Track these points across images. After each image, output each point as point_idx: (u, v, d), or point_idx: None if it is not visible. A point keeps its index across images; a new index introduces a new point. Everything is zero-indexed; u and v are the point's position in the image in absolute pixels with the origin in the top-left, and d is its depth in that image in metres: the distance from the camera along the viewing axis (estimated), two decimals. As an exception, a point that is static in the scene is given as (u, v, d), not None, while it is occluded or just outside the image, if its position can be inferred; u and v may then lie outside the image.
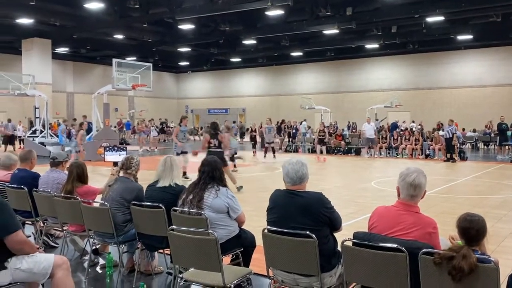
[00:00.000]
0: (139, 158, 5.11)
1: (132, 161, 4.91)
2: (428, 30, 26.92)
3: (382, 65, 37.05)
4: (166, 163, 4.60)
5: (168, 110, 47.39)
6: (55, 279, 3.38)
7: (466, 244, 2.70)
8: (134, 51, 34.13)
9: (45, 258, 3.40)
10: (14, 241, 3.19)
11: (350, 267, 3.05)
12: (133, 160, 4.93)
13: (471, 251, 2.59)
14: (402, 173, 3.10)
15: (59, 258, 3.47)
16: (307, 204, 3.35)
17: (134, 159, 4.95)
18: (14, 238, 3.19)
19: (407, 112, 34.14)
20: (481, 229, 2.80)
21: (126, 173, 4.86)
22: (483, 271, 2.53)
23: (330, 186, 11.59)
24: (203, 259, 3.42)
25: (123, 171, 4.88)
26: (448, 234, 3.36)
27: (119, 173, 4.92)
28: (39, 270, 3.33)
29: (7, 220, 3.18)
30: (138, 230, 4.55)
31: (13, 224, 3.21)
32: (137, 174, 4.99)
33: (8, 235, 3.16)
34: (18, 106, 32.62)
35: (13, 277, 3.28)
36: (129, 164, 4.88)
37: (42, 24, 26.30)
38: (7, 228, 3.17)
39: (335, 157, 20.81)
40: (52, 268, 3.36)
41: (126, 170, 4.86)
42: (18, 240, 3.21)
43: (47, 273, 3.36)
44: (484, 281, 2.53)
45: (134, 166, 4.89)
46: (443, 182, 12.27)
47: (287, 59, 38.74)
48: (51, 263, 3.37)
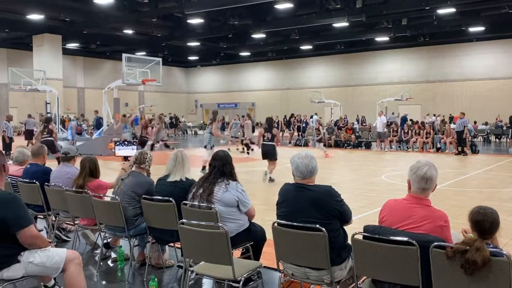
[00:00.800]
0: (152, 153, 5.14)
1: (146, 156, 4.93)
2: (439, 22, 26.61)
3: (393, 58, 36.77)
4: (178, 158, 4.59)
5: (177, 104, 47.53)
6: (67, 273, 3.41)
7: (479, 237, 2.68)
8: (143, 46, 34.21)
9: (57, 253, 3.43)
10: (26, 236, 3.22)
11: (360, 261, 3.04)
12: (147, 155, 4.96)
13: (484, 244, 2.56)
14: (413, 166, 3.08)
15: (72, 253, 3.51)
16: (317, 198, 3.35)
17: (148, 154, 4.98)
18: (27, 233, 3.21)
19: (417, 105, 33.90)
20: (494, 222, 2.77)
21: (139, 167, 4.89)
22: (496, 264, 2.51)
23: (340, 179, 11.56)
24: (213, 253, 3.43)
25: (136, 166, 4.90)
26: (459, 227, 3.33)
27: (132, 167, 4.94)
28: (52, 264, 3.37)
29: (19, 215, 3.20)
30: (148, 224, 4.58)
31: (25, 219, 3.23)
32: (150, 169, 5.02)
33: (21, 229, 3.19)
34: (29, 101, 32.90)
35: (26, 271, 3.31)
36: (143, 159, 4.91)
37: (52, 20, 26.46)
38: (19, 222, 3.19)
39: (345, 151, 20.74)
40: (64, 262, 3.40)
41: (140, 164, 4.89)
42: (30, 234, 3.24)
43: (59, 267, 3.39)
44: (497, 274, 2.51)
45: (148, 161, 4.93)
46: (454, 175, 12.18)
47: (296, 53, 38.59)
48: (63, 257, 3.41)
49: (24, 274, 3.32)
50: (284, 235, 3.34)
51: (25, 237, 3.22)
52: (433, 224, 2.89)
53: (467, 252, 2.54)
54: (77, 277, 3.44)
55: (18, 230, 3.18)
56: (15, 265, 3.27)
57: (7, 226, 3.15)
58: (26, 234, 3.21)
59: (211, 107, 45.42)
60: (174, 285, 4.51)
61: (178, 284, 4.48)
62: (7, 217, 3.14)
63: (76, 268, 3.44)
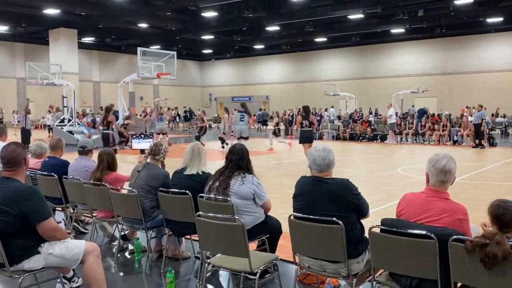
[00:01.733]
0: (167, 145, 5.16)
1: (161, 148, 4.93)
2: (456, 13, 26.18)
3: (408, 50, 36.33)
4: (194, 151, 4.61)
5: (192, 98, 47.68)
6: (86, 265, 3.47)
7: (499, 231, 2.64)
8: (158, 40, 34.33)
9: (76, 245, 3.48)
10: (45, 228, 3.27)
11: (377, 254, 3.03)
12: (162, 146, 4.96)
13: (505, 238, 2.53)
14: (431, 159, 3.05)
15: (90, 245, 3.56)
16: (334, 191, 3.33)
17: (163, 146, 4.98)
18: (46, 225, 3.26)
19: (434, 97, 33.50)
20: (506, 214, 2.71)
21: (154, 159, 4.90)
22: (516, 258, 2.47)
23: (356, 173, 11.51)
24: (230, 245, 3.45)
25: (150, 157, 4.92)
26: (477, 221, 3.29)
27: (147, 158, 4.97)
28: (71, 256, 3.42)
29: (38, 208, 3.24)
30: (165, 216, 4.61)
31: (44, 212, 3.26)
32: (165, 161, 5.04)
33: (40, 222, 3.23)
34: (46, 95, 33.28)
35: (46, 262, 3.37)
36: (158, 151, 4.91)
37: (68, 14, 26.68)
38: (38, 215, 3.23)
39: (360, 144, 20.62)
40: (83, 254, 3.46)
41: (154, 156, 4.90)
42: (49, 227, 3.29)
43: (78, 259, 3.45)
44: (517, 268, 2.48)
45: (163, 152, 4.92)
46: (472, 168, 12.03)
47: (311, 45, 38.35)
48: (82, 249, 3.46)
49: (44, 265, 3.38)
50: (301, 228, 3.34)
51: (44, 229, 3.27)
52: (452, 217, 2.86)
53: (487, 246, 2.51)
54: (96, 268, 3.50)
55: (37, 222, 3.23)
56: (36, 256, 3.33)
57: (27, 219, 3.20)
58: (45, 227, 3.26)
59: (225, 101, 45.55)
60: (191, 277, 4.55)
61: (195, 276, 4.52)
62: (27, 209, 3.19)
63: (95, 260, 3.49)
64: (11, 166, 3.34)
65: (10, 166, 3.35)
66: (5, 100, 34.59)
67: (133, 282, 4.56)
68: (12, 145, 3.44)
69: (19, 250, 3.27)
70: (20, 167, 3.38)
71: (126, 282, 4.60)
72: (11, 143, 3.53)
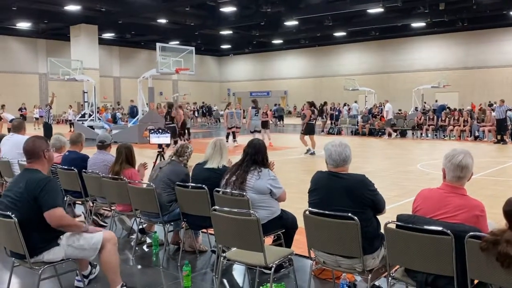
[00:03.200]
0: None
1: (187, 150, 5.04)
2: (478, 6, 25.68)
3: (429, 44, 35.81)
4: (216, 146, 4.68)
5: (210, 93, 47.89)
6: (104, 253, 3.55)
7: (509, 228, 2.56)
8: (177, 35, 34.52)
9: (95, 235, 3.57)
10: (52, 217, 3.28)
11: (393, 250, 3.01)
12: (187, 149, 5.06)
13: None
14: (448, 154, 3.01)
15: (108, 234, 3.65)
16: (350, 186, 3.32)
17: (189, 148, 5.08)
18: (52, 214, 3.28)
19: (455, 92, 33.00)
20: None
21: (178, 159, 5.00)
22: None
23: (374, 168, 11.42)
24: (245, 239, 3.47)
25: (175, 157, 5.01)
26: (496, 217, 3.23)
27: (172, 157, 5.05)
28: (90, 246, 3.50)
29: (48, 196, 3.30)
30: (182, 210, 4.66)
31: (52, 201, 3.30)
32: (188, 162, 5.12)
33: (47, 210, 3.27)
34: (67, 90, 33.82)
35: (66, 254, 3.46)
36: (183, 153, 5.02)
37: (88, 10, 27.02)
38: (46, 203, 3.28)
39: (379, 139, 20.44)
40: (101, 242, 3.53)
41: (179, 157, 4.99)
42: (55, 216, 3.30)
43: (97, 248, 3.53)
44: (535, 266, 2.43)
45: (187, 155, 5.04)
46: (492, 164, 11.83)
47: (330, 40, 38.11)
48: (100, 238, 3.55)
49: (64, 257, 3.46)
50: (316, 223, 3.33)
51: (50, 218, 3.28)
52: (469, 214, 2.82)
53: (498, 243, 2.46)
54: (113, 255, 3.59)
55: (45, 211, 3.27)
56: (55, 248, 3.41)
57: (39, 206, 3.27)
58: (51, 216, 3.28)
59: (244, 96, 45.65)
60: (207, 271, 4.59)
61: (211, 270, 4.55)
62: (38, 198, 3.26)
63: (112, 248, 3.59)
64: (30, 157, 3.47)
65: (29, 158, 3.47)
66: (28, 95, 35.25)
67: (150, 274, 4.62)
68: (32, 138, 3.56)
69: (40, 242, 3.35)
70: (39, 159, 3.46)
71: (143, 275, 4.67)
72: (33, 136, 3.65)
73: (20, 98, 34.21)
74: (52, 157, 3.68)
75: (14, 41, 35.82)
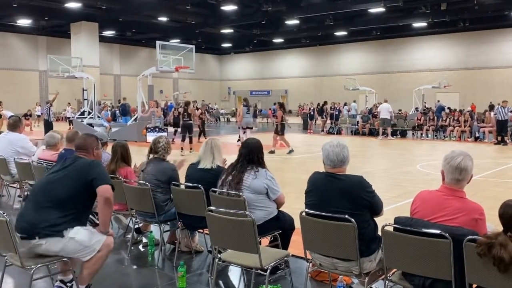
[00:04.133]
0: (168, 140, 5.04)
1: (159, 145, 4.85)
2: (480, 6, 25.61)
3: (430, 44, 35.74)
4: (207, 145, 4.61)
5: (211, 92, 47.82)
6: (96, 256, 3.48)
7: (503, 232, 2.51)
8: (177, 33, 34.48)
9: (98, 234, 3.53)
10: (105, 191, 3.46)
11: (390, 253, 2.96)
12: (159, 144, 4.86)
13: (508, 239, 2.42)
14: (447, 156, 2.95)
15: (110, 240, 3.58)
16: (347, 188, 3.27)
17: (161, 143, 4.87)
18: (107, 189, 3.47)
19: (456, 93, 32.94)
20: None
21: (158, 156, 4.89)
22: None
23: (374, 169, 11.36)
24: (240, 241, 3.41)
25: (153, 155, 4.92)
26: (496, 220, 3.17)
27: (149, 156, 4.96)
28: (91, 244, 3.44)
29: (104, 174, 3.60)
30: (178, 210, 4.61)
31: (108, 179, 3.58)
32: (167, 156, 4.95)
33: (103, 184, 3.47)
34: (67, 88, 33.76)
35: (64, 247, 3.36)
36: (156, 148, 4.86)
37: (89, 8, 26.96)
38: (103, 179, 3.51)
39: (378, 140, 20.38)
40: (101, 245, 3.48)
41: (155, 153, 4.89)
42: (110, 192, 3.49)
43: (96, 249, 3.46)
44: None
45: (161, 150, 4.85)
46: (493, 165, 11.77)
47: (331, 39, 38.05)
48: (102, 241, 3.50)
49: (57, 253, 3.38)
50: (312, 224, 3.28)
51: (105, 191, 3.46)
52: (468, 217, 2.77)
53: (493, 247, 2.41)
54: (101, 262, 3.53)
55: (101, 184, 3.46)
56: (56, 237, 3.33)
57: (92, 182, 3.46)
58: (106, 189, 3.47)
59: (244, 94, 45.55)
60: (203, 271, 4.54)
61: (207, 270, 4.50)
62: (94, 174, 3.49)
63: (105, 255, 3.54)
64: (81, 150, 3.74)
65: (80, 151, 3.74)
66: (28, 92, 35.20)
67: (145, 275, 4.57)
68: (84, 135, 3.96)
69: (48, 224, 3.31)
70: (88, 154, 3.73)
71: (138, 275, 4.61)
72: (84, 134, 4.06)
73: (20, 95, 34.21)
74: (100, 155, 3.92)
75: (14, 38, 35.76)
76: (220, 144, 4.74)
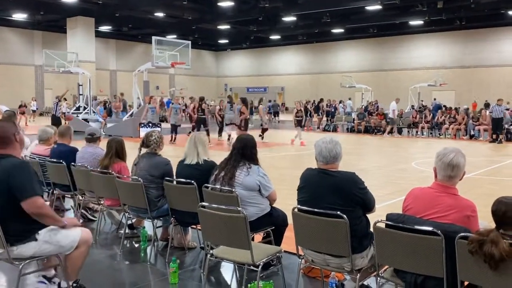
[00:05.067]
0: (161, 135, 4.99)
1: (151, 138, 4.81)
2: (476, 5, 25.62)
3: (427, 42, 35.76)
4: (190, 141, 4.60)
5: (207, 88, 47.69)
6: (75, 252, 3.42)
7: (496, 228, 2.51)
8: (174, 29, 34.33)
9: (73, 232, 3.43)
10: (30, 206, 3.10)
11: (382, 249, 2.95)
12: (151, 137, 4.82)
13: (500, 236, 2.42)
14: (439, 153, 2.95)
15: (86, 233, 3.50)
16: (339, 184, 3.26)
17: (153, 136, 4.83)
18: (31, 204, 3.09)
19: (452, 91, 33.00)
20: (508, 211, 2.51)
21: (151, 150, 4.86)
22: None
23: (369, 166, 11.36)
24: (232, 237, 3.40)
25: (144, 149, 4.89)
26: (490, 217, 3.18)
27: (140, 150, 4.92)
28: (67, 243, 3.37)
29: (25, 184, 3.10)
30: (171, 206, 4.59)
31: (30, 189, 3.11)
32: (160, 151, 4.90)
33: (25, 199, 3.08)
34: (63, 83, 33.55)
35: (40, 249, 3.28)
36: (148, 142, 4.82)
37: (85, 3, 26.82)
38: (24, 192, 3.08)
39: (375, 137, 20.40)
40: (78, 241, 3.41)
41: (147, 147, 4.86)
42: (35, 205, 3.11)
43: (73, 246, 3.40)
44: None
45: (153, 143, 4.80)
46: (487, 163, 11.81)
47: (327, 36, 37.98)
48: (78, 236, 3.42)
49: (34, 254, 3.29)
50: (304, 221, 3.27)
51: (29, 207, 3.10)
52: (460, 214, 2.77)
53: (484, 244, 2.41)
54: (82, 257, 3.48)
55: (23, 199, 3.08)
56: (31, 243, 3.25)
57: (14, 195, 3.08)
58: (30, 205, 3.09)
59: (240, 91, 45.52)
60: (196, 267, 4.52)
61: (199, 266, 4.49)
62: (13, 185, 3.08)
63: (85, 250, 3.48)
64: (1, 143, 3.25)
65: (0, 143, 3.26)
66: (24, 87, 35.01)
67: (137, 270, 4.55)
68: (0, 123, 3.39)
69: (15, 233, 3.19)
70: (10, 143, 3.27)
71: (131, 271, 4.60)
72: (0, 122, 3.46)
73: (15, 89, 34.01)
74: (23, 139, 3.46)
75: (10, 32, 35.51)
76: (205, 138, 4.71)
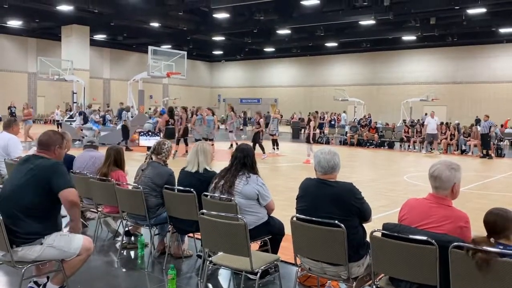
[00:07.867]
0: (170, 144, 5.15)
1: (163, 147, 4.95)
2: (468, 22, 26.08)
3: (419, 57, 36.23)
4: (194, 149, 4.69)
5: (201, 98, 47.76)
6: (75, 259, 3.48)
7: (487, 237, 2.64)
8: (169, 39, 34.48)
9: (76, 238, 3.51)
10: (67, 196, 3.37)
11: (378, 258, 3.04)
12: (164, 145, 4.97)
13: (491, 244, 2.54)
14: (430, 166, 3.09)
15: (88, 242, 3.57)
16: (337, 194, 3.35)
17: (166, 145, 4.99)
18: (68, 193, 3.38)
19: (443, 106, 33.36)
20: (501, 221, 2.68)
21: (157, 158, 4.96)
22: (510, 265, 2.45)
23: (362, 178, 11.48)
24: (232, 244, 3.47)
25: (154, 156, 4.97)
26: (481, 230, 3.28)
27: (151, 157, 5.01)
28: (69, 249, 3.44)
29: (64, 176, 3.44)
30: (169, 213, 4.65)
31: (67, 181, 3.44)
32: (167, 160, 5.06)
33: (63, 189, 3.36)
34: (56, 91, 33.56)
35: (43, 254, 3.35)
36: (160, 150, 4.94)
37: (81, 11, 26.89)
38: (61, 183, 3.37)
39: (367, 150, 20.58)
40: (80, 249, 3.48)
41: (157, 155, 4.95)
42: (73, 195, 3.41)
43: (75, 253, 3.46)
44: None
45: (165, 152, 4.95)
46: (477, 178, 11.97)
47: (321, 50, 38.35)
48: (81, 243, 3.49)
49: (37, 258, 3.36)
50: (303, 229, 3.35)
51: (67, 195, 3.37)
52: (454, 225, 2.87)
53: (477, 252, 2.53)
54: (79, 265, 3.53)
55: (62, 188, 3.36)
56: (36, 246, 3.32)
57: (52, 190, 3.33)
58: (68, 193, 3.38)
59: (234, 102, 45.57)
60: (193, 275, 4.57)
61: (196, 274, 4.54)
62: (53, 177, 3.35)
63: (85, 258, 3.54)
64: (41, 148, 3.57)
65: (41, 148, 3.57)
66: (17, 94, 34.87)
67: (135, 278, 4.59)
68: (50, 132, 3.72)
69: (25, 234, 3.28)
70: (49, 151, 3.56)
71: (128, 278, 4.63)
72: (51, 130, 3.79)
73: (8, 96, 33.82)
74: (62, 155, 3.74)
75: (4, 39, 35.46)
76: (209, 148, 4.79)
